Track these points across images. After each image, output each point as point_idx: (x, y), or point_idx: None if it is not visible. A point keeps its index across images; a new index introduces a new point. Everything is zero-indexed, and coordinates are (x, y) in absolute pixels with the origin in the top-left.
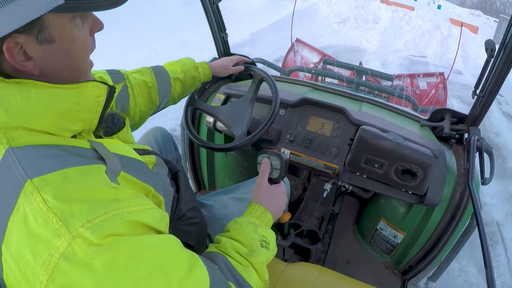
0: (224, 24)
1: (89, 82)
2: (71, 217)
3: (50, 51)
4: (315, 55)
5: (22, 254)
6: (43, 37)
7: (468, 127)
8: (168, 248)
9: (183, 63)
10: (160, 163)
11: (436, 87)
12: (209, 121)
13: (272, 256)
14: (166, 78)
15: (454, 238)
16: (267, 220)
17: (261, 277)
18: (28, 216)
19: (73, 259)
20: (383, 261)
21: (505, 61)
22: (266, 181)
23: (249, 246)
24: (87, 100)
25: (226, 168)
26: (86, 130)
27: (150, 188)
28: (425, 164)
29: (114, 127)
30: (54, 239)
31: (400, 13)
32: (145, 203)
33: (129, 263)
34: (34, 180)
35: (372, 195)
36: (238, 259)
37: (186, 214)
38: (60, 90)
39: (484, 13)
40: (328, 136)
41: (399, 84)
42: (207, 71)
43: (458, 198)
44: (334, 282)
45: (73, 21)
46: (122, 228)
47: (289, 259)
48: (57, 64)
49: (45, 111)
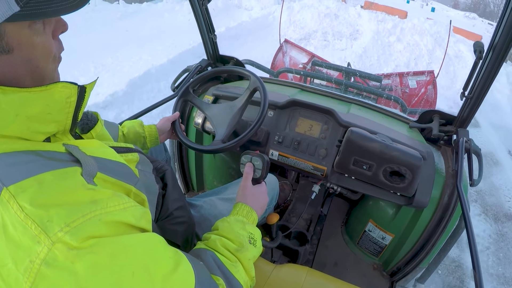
0: (213, 25)
1: (58, 83)
2: (49, 222)
3: (9, 61)
4: (304, 55)
5: (4, 263)
6: (0, 47)
7: (456, 128)
8: (151, 246)
9: (130, 122)
10: (144, 161)
11: (426, 85)
12: (197, 122)
13: (259, 253)
14: (114, 128)
15: (442, 239)
16: (253, 218)
17: (248, 274)
18: (7, 224)
19: (55, 264)
20: (372, 263)
21: (493, 62)
22: (250, 184)
23: (238, 243)
24: (57, 101)
25: (214, 169)
26: (61, 131)
27: (131, 187)
28: (413, 166)
29: (90, 122)
30: (34, 246)
31: (388, 23)
32: (124, 202)
33: (111, 264)
34: (10, 187)
35: (360, 196)
36: (227, 255)
37: (174, 213)
38: (29, 94)
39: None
40: (317, 138)
41: (388, 83)
42: (152, 128)
43: (446, 200)
44: (322, 284)
45: (33, 26)
46: (102, 229)
47: (277, 261)
48: (17, 72)
49: (16, 116)
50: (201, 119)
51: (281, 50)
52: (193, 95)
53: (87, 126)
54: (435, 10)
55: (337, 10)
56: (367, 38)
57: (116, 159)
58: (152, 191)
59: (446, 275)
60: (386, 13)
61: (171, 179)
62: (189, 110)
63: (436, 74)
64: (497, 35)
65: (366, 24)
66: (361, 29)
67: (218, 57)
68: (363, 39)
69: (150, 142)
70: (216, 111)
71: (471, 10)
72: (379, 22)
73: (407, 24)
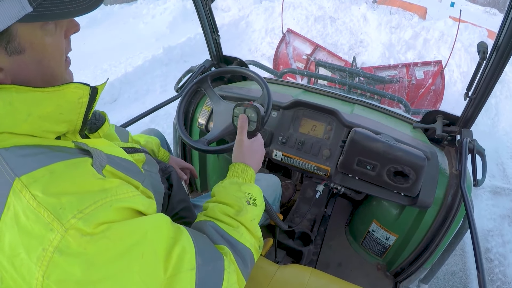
0: (216, 25)
1: (71, 84)
2: (62, 210)
3: (21, 61)
4: (308, 45)
5: (16, 252)
6: (13, 48)
7: (460, 129)
8: (158, 228)
9: (149, 137)
10: (150, 161)
11: (434, 76)
12: (201, 123)
13: (261, 211)
14: (125, 134)
15: (446, 240)
16: (250, 176)
17: (253, 235)
18: (19, 214)
19: (68, 251)
20: (375, 263)
21: (497, 63)
22: (245, 138)
23: (236, 206)
24: (70, 102)
25: (218, 170)
26: (71, 131)
27: (138, 184)
28: (417, 166)
29: (97, 122)
30: (47, 234)
31: (405, 31)
32: (132, 190)
33: (123, 247)
34: (22, 177)
35: (364, 197)
36: (227, 221)
37: (179, 213)
38: (42, 94)
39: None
40: (320, 138)
41: (394, 74)
42: (166, 156)
43: (450, 200)
44: (326, 284)
45: (45, 26)
46: (113, 215)
47: (281, 261)
48: (29, 72)
49: (28, 115)
50: (204, 120)
51: (284, 41)
52: (209, 85)
53: (94, 126)
54: (454, 5)
55: (334, 12)
56: (374, 54)
57: (125, 157)
58: (158, 190)
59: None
60: (403, 9)
61: (177, 180)
62: (192, 111)
63: (444, 65)
64: (501, 36)
65: (374, 33)
66: (366, 39)
67: (222, 58)
68: (369, 55)
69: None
70: (222, 109)
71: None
72: (392, 29)
73: (433, 34)
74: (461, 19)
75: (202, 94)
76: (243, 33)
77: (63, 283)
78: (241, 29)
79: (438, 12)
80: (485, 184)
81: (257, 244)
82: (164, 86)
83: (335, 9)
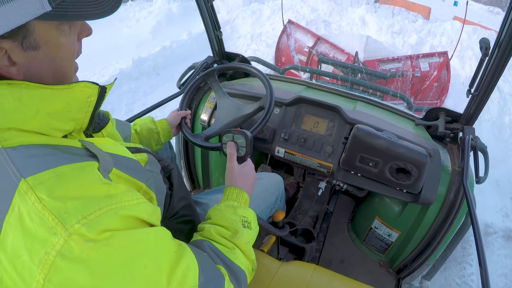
0: (218, 22)
1: (80, 82)
2: (66, 214)
3: (35, 57)
4: (309, 37)
5: (18, 254)
6: (28, 43)
7: (462, 126)
8: (161, 240)
9: (141, 119)
10: (152, 161)
11: (439, 68)
12: (204, 119)
13: (255, 235)
14: (126, 126)
15: (448, 236)
16: (244, 200)
17: (248, 258)
18: (24, 216)
19: (70, 256)
20: (378, 260)
21: (499, 59)
22: (236, 164)
23: (232, 229)
24: (78, 100)
25: (220, 166)
26: (77, 130)
27: (142, 184)
28: (419, 163)
29: (101, 122)
30: (50, 237)
31: (409, 36)
32: (138, 198)
33: (125, 257)
34: (28, 179)
35: (366, 193)
36: (223, 243)
37: (179, 212)
38: (52, 91)
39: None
40: (323, 135)
41: (399, 67)
42: (163, 123)
43: (452, 197)
44: (329, 281)
45: (60, 27)
46: (117, 223)
47: (284, 258)
48: (41, 69)
49: (37, 112)
50: (207, 116)
51: (285, 32)
52: (216, 79)
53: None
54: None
55: (329, 15)
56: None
57: (129, 156)
58: (161, 191)
59: None
60: (406, 9)
61: (177, 178)
62: (195, 107)
63: (450, 56)
64: (503, 32)
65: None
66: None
67: (224, 54)
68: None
69: (163, 137)
70: (226, 105)
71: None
72: (394, 34)
73: (439, 40)
74: (468, 20)
75: (204, 91)
76: (228, 39)
77: (64, 287)
78: (226, 35)
79: (441, 12)
80: (498, 227)
81: (251, 267)
82: (131, 104)
83: (329, 12)
